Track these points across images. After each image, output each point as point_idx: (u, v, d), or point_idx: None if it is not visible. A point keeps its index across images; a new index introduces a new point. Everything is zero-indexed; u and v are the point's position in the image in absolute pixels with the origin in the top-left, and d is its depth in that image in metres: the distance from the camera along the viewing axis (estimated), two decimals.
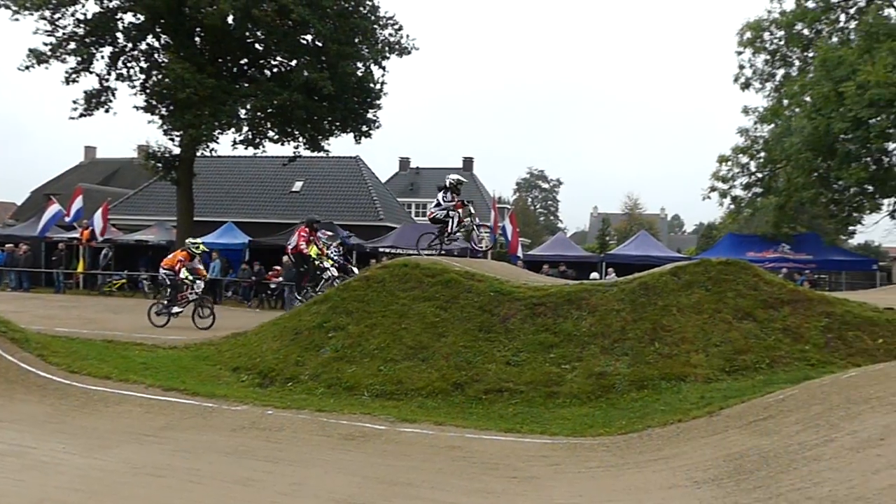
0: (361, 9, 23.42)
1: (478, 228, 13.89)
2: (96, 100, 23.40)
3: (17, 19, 21.78)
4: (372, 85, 24.22)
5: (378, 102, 24.55)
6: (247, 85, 23.67)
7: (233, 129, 23.70)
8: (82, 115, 23.38)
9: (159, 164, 24.26)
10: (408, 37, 24.26)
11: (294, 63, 23.73)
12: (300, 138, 24.70)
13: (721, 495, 4.93)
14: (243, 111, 23.56)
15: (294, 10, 21.02)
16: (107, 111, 23.59)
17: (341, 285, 11.23)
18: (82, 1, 22.25)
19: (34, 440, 6.53)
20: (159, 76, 23.09)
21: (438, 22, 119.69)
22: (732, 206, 26.35)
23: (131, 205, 31.47)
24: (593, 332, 9.06)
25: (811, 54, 24.29)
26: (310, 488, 5.47)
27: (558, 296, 9.67)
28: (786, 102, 24.52)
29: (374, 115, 24.67)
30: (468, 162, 57.51)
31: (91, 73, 23.24)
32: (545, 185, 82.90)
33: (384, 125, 29.34)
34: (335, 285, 12.21)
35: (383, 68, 24.20)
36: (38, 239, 25.74)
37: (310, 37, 23.29)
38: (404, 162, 60.20)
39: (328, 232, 14.95)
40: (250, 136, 24.25)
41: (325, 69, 22.54)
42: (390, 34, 24.04)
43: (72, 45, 22.50)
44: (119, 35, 23.16)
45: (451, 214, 13.06)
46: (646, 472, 5.68)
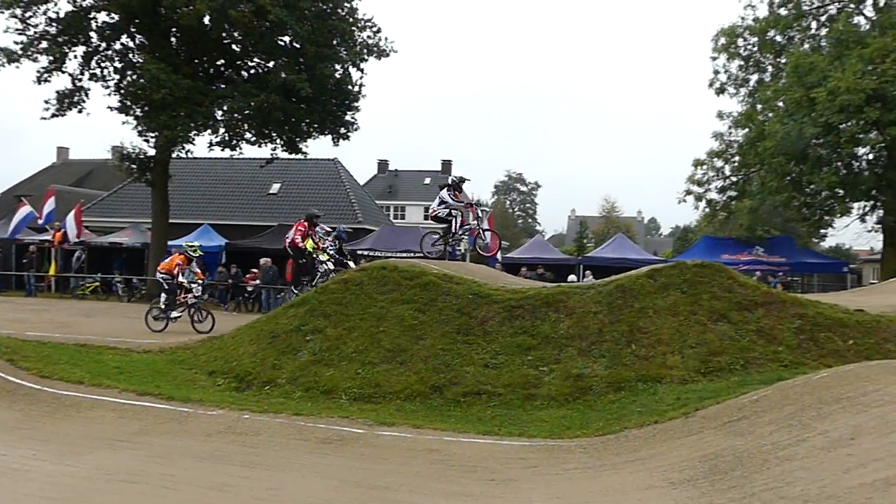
0: (340, 10, 23.33)
1: (483, 233, 13.35)
2: (69, 100, 23.02)
3: None
4: (350, 87, 24.14)
5: (356, 105, 24.49)
6: (223, 86, 23.46)
7: (209, 131, 23.48)
8: (54, 116, 22.99)
9: (134, 166, 23.99)
10: (386, 39, 24.26)
11: (271, 64, 23.55)
12: (278, 140, 24.52)
13: (696, 496, 4.98)
14: (220, 112, 23.33)
15: (271, 11, 20.86)
16: (80, 111, 23.27)
17: (319, 288, 11.15)
18: None
19: (3, 447, 6.39)
20: (134, 76, 22.79)
21: (417, 25, 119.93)
22: (707, 210, 26.81)
23: (105, 207, 31.02)
24: (571, 335, 9.10)
25: (784, 60, 24.79)
26: (287, 493, 5.43)
27: (536, 298, 9.71)
28: (759, 107, 24.98)
29: (353, 118, 24.60)
30: (447, 165, 57.67)
31: (63, 72, 22.91)
32: (523, 188, 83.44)
33: (362, 128, 29.32)
34: (331, 279, 12.09)
35: (361, 70, 24.18)
36: (8, 241, 25.31)
37: (287, 38, 23.15)
38: (383, 164, 60.20)
39: (326, 227, 15.03)
40: (227, 138, 23.97)
41: (302, 71, 22.42)
42: (368, 36, 23.98)
43: (43, 45, 22.14)
44: (92, 34, 22.81)
45: (454, 214, 12.55)
46: (623, 474, 5.72)
